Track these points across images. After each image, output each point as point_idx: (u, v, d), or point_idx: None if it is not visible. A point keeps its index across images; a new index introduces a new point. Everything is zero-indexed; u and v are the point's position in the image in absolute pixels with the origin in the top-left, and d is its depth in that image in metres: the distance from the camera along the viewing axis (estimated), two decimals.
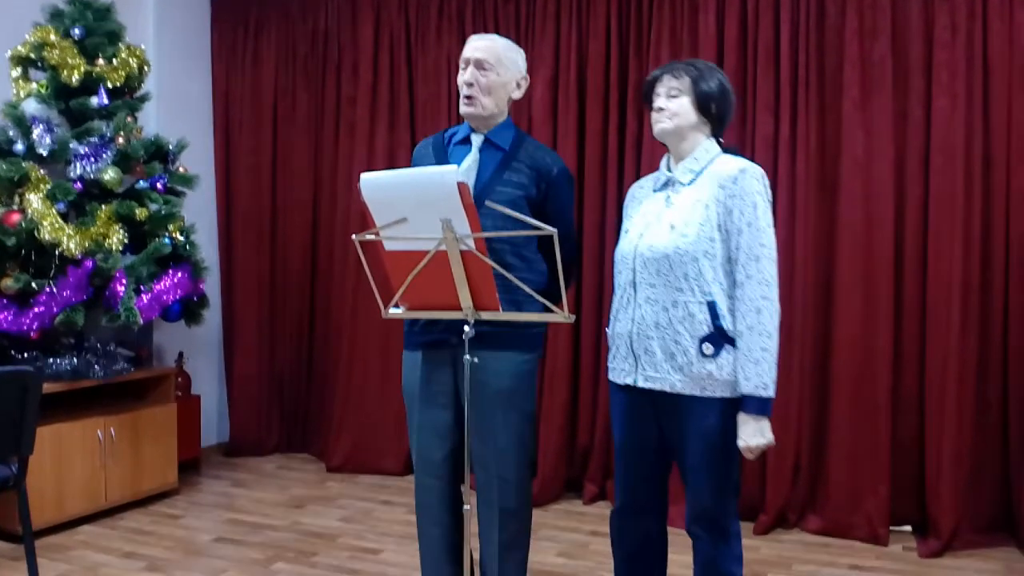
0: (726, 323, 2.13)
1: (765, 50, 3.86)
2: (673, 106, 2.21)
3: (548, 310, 2.10)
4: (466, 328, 2.05)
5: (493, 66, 2.46)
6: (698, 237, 2.13)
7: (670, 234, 2.16)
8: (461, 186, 1.86)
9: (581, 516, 4.01)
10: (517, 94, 2.55)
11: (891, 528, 3.70)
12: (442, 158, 2.51)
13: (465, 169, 2.43)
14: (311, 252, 4.99)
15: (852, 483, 3.72)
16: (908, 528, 3.77)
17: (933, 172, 3.63)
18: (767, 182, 2.19)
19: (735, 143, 3.89)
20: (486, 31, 4.41)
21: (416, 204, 1.93)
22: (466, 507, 2.11)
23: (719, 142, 2.29)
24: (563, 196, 2.54)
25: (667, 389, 2.17)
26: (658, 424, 2.27)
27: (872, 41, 3.70)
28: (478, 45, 2.48)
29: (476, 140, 2.50)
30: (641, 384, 2.22)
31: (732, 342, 2.13)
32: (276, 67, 4.98)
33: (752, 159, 3.83)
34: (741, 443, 2.12)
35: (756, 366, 2.09)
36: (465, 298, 2.02)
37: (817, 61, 3.80)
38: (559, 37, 4.27)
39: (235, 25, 5.03)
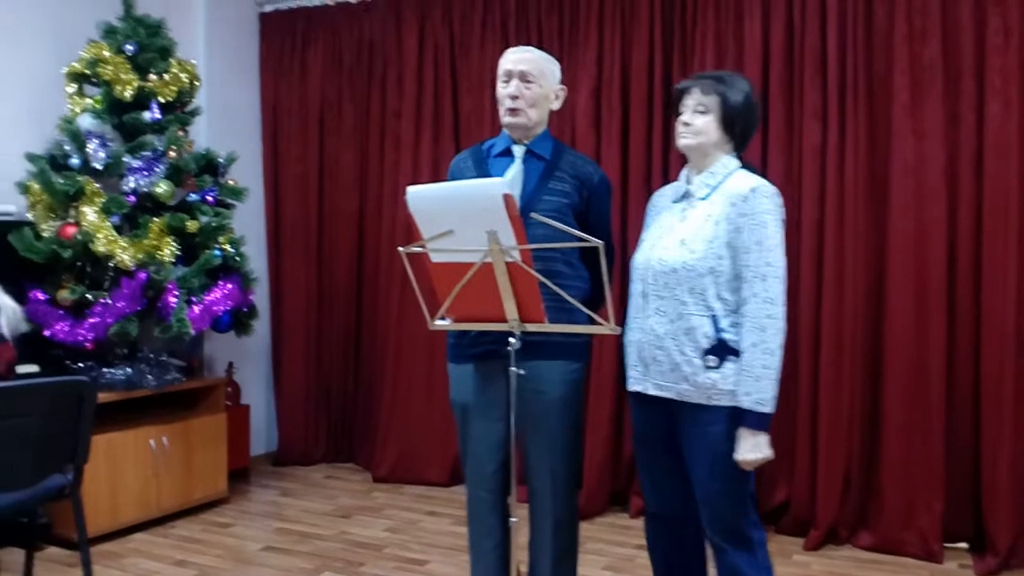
0: (729, 336, 2.17)
1: (812, 56, 3.81)
2: (699, 123, 2.25)
3: (592, 320, 2.10)
4: (511, 340, 2.05)
5: (536, 78, 2.49)
6: (705, 254, 2.17)
7: (679, 249, 2.21)
8: (507, 198, 1.86)
9: (627, 530, 3.98)
10: (556, 105, 2.58)
11: (946, 545, 3.61)
12: (484, 170, 2.53)
13: (510, 180, 2.44)
14: (357, 263, 5.04)
15: (905, 498, 3.63)
16: (964, 545, 3.67)
17: (987, 176, 3.54)
18: (780, 201, 2.21)
19: (782, 151, 3.87)
20: (529, 42, 4.42)
21: (462, 216, 1.94)
22: (513, 519, 2.10)
23: (739, 157, 2.32)
24: (604, 204, 2.58)
25: (674, 397, 2.22)
26: (668, 430, 2.31)
27: (922, 45, 3.63)
28: (521, 57, 2.50)
29: (518, 151, 2.52)
30: (651, 392, 2.27)
31: (735, 353, 2.17)
32: (322, 80, 5.04)
33: (800, 167, 3.83)
34: (738, 456, 2.15)
35: (757, 382, 2.12)
36: (511, 310, 2.02)
37: (866, 66, 3.74)
38: (602, 46, 4.26)
39: (282, 38, 5.11)
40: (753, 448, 2.13)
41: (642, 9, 4.16)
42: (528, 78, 2.47)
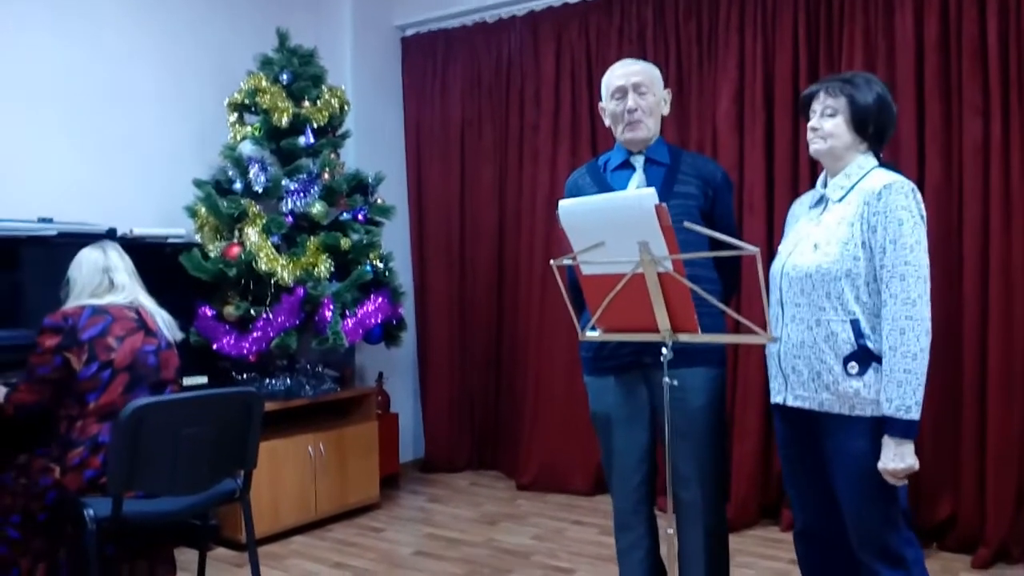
0: (871, 342, 2.08)
1: (971, 48, 3.62)
2: (828, 126, 2.19)
3: (739, 327, 2.07)
4: (664, 351, 2.04)
5: (649, 88, 2.52)
6: (840, 256, 2.10)
7: (813, 253, 2.15)
8: (659, 208, 1.86)
9: (778, 543, 3.87)
10: (666, 110, 2.60)
11: None
12: (604, 185, 2.55)
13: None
14: (497, 275, 5.13)
15: None
16: None
17: None
18: (918, 197, 2.10)
19: (940, 150, 3.68)
20: (667, 50, 4.40)
21: (613, 228, 1.95)
22: (669, 530, 2.09)
23: (878, 156, 2.23)
24: (728, 201, 2.57)
25: (816, 408, 2.15)
26: (811, 443, 2.23)
27: None
28: (631, 70, 2.54)
29: (638, 161, 2.55)
30: (791, 403, 2.21)
31: (878, 360, 2.07)
32: (462, 98, 5.18)
33: (960, 166, 3.64)
34: (880, 466, 2.05)
35: (899, 388, 2.02)
36: (663, 320, 2.02)
37: None
38: (743, 50, 4.19)
39: (423, 60, 5.28)
40: (897, 457, 2.03)
41: (785, 9, 4.06)
42: (641, 89, 2.50)
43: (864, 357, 2.08)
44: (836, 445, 2.14)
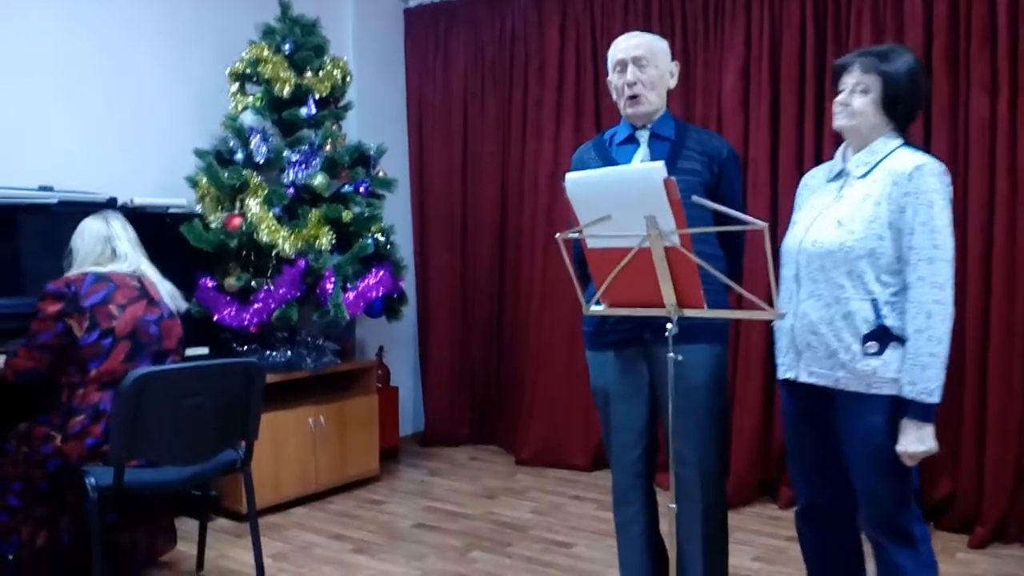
0: (890, 321, 2.06)
1: (980, 24, 3.58)
2: (857, 104, 2.14)
3: (746, 303, 2.06)
4: (669, 326, 2.03)
5: (650, 61, 2.48)
6: (865, 235, 2.07)
7: (836, 230, 2.11)
8: (668, 182, 1.85)
9: (777, 521, 3.88)
10: (672, 83, 2.56)
11: None
12: (608, 160, 2.53)
13: None
14: (499, 250, 5.12)
15: None
16: None
17: None
18: (947, 179, 2.08)
19: (947, 127, 3.66)
20: (672, 24, 4.36)
21: (620, 202, 1.93)
22: (671, 506, 2.09)
23: (903, 135, 2.19)
24: (735, 177, 2.54)
25: (831, 385, 2.13)
26: (823, 420, 2.21)
27: None
28: (632, 43, 2.50)
29: (642, 136, 2.52)
30: (803, 379, 2.19)
31: (897, 339, 2.05)
32: (465, 71, 5.13)
33: (967, 143, 3.61)
34: (900, 448, 2.05)
35: (923, 371, 2.01)
36: (669, 295, 2.00)
37: None
38: (750, 25, 4.14)
39: (426, 33, 5.23)
40: (918, 440, 2.02)
41: None
42: (642, 63, 2.46)
43: (883, 336, 2.06)
44: (851, 422, 2.13)
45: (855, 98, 2.14)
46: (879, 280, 2.07)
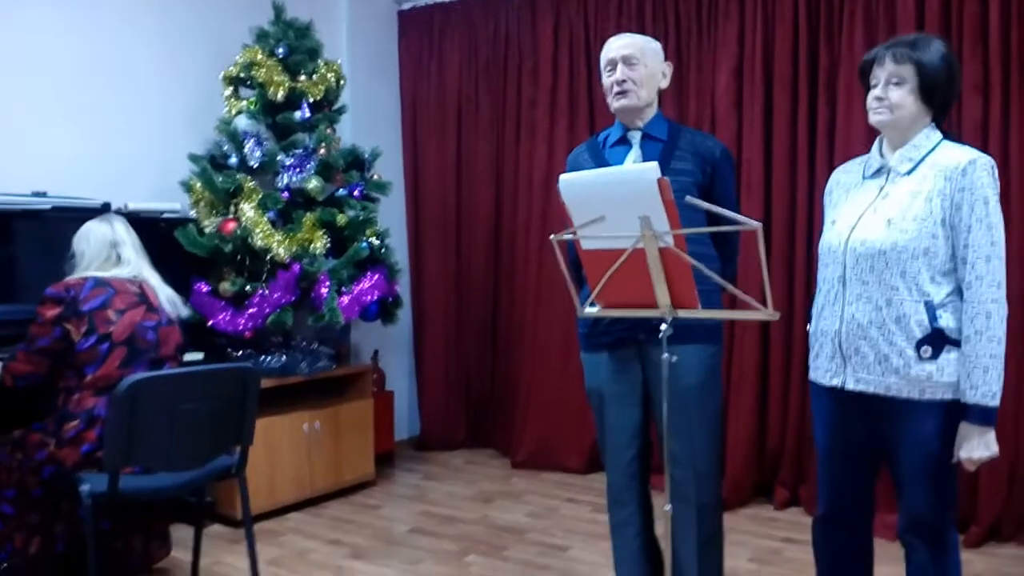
0: (944, 323, 1.99)
1: (972, 24, 3.59)
2: (894, 97, 2.05)
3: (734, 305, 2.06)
4: (663, 327, 2.03)
5: (640, 59, 2.49)
6: (919, 233, 1.99)
7: (887, 229, 2.02)
8: (661, 182, 1.85)
9: (772, 522, 3.88)
10: (664, 83, 2.57)
11: None
12: (601, 161, 2.54)
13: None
14: (494, 252, 5.11)
15: None
16: None
17: None
18: (996, 173, 2.01)
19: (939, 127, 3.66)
20: (666, 24, 4.37)
21: (614, 202, 1.93)
22: (667, 507, 2.09)
23: (940, 125, 2.12)
24: (728, 178, 2.54)
25: (881, 392, 2.05)
26: (866, 427, 2.15)
27: None
28: (620, 43, 2.52)
29: (634, 136, 2.52)
30: (851, 386, 2.10)
31: (952, 343, 1.99)
32: (459, 73, 5.13)
33: (959, 142, 3.61)
34: (963, 454, 1.98)
35: (985, 374, 1.94)
36: (663, 296, 2.00)
37: None
38: (743, 25, 4.15)
39: (420, 35, 5.23)
40: (983, 446, 1.95)
41: None
42: (631, 61, 2.48)
43: (938, 340, 1.98)
44: (903, 429, 2.05)
45: (891, 91, 2.05)
46: (933, 280, 1.99)
